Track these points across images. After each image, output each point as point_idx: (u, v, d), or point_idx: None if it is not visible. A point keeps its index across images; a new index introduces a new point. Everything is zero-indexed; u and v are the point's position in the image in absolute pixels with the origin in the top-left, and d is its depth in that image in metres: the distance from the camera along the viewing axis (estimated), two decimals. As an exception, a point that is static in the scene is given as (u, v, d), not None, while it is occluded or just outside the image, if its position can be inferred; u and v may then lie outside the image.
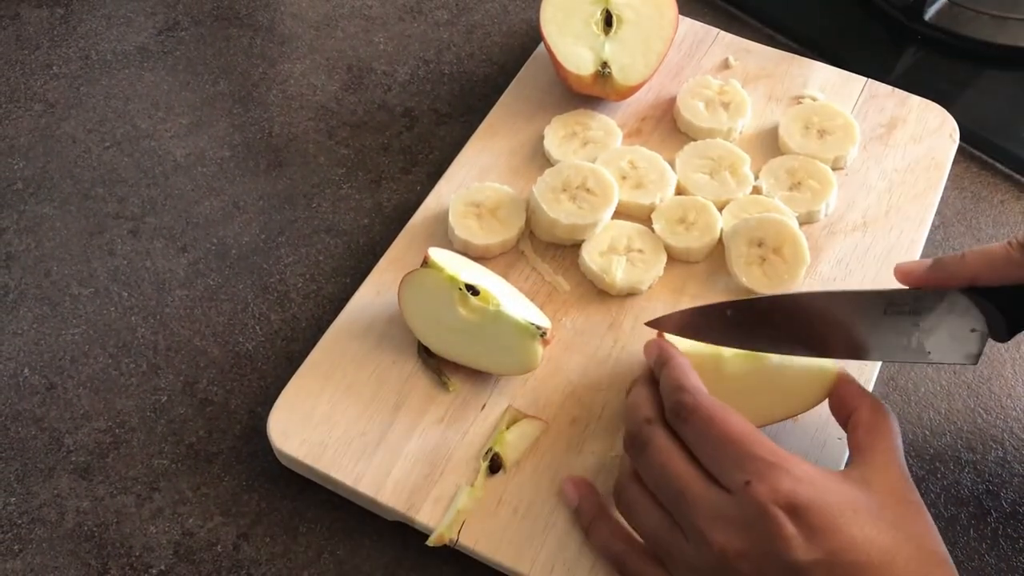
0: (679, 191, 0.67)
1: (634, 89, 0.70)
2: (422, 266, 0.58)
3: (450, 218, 0.64)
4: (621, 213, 0.65)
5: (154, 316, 0.65)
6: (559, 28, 0.71)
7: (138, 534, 0.56)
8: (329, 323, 0.61)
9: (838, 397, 0.52)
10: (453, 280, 0.57)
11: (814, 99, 0.72)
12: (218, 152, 0.73)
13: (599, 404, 0.58)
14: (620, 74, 0.69)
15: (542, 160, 0.69)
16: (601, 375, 0.59)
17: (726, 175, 0.67)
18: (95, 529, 0.56)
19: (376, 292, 0.62)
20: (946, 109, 0.72)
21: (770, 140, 0.70)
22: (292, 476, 0.57)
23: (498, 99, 0.73)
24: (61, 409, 0.60)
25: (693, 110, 0.70)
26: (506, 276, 0.63)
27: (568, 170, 0.64)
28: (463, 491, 0.54)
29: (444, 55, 0.80)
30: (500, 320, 0.56)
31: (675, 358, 0.51)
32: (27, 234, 0.69)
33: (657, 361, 0.52)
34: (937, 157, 0.69)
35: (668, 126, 0.71)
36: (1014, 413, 0.61)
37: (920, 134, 0.71)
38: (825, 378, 0.53)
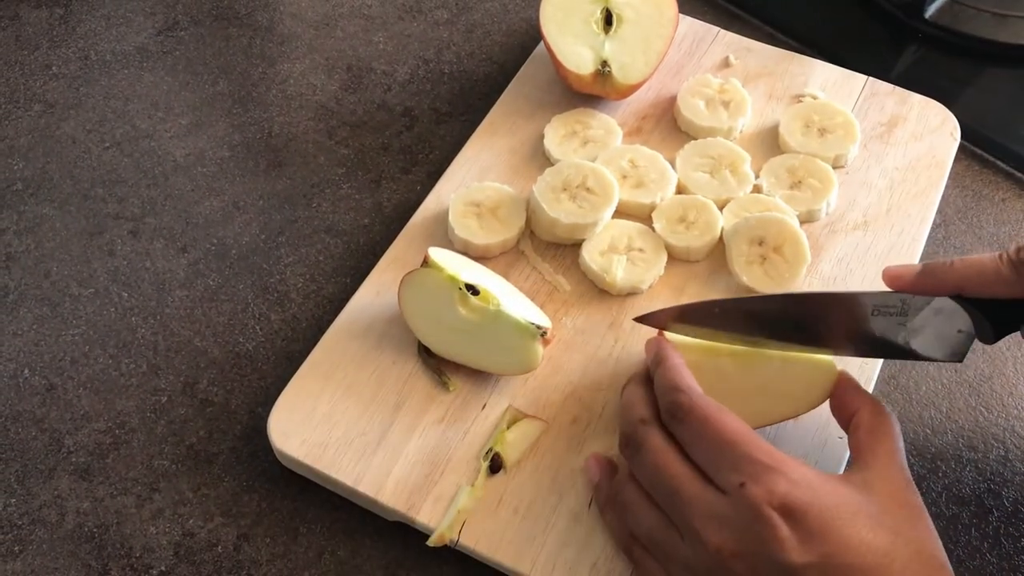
0: (679, 190, 0.67)
1: (634, 88, 0.70)
2: (422, 266, 0.58)
3: (450, 218, 0.64)
4: (621, 212, 0.65)
5: (154, 316, 0.64)
6: (559, 27, 0.71)
7: (138, 535, 0.56)
8: (329, 323, 0.61)
9: (839, 399, 0.52)
10: (453, 280, 0.57)
11: (815, 97, 0.72)
12: (218, 152, 0.73)
13: (599, 404, 0.58)
14: (620, 73, 0.69)
15: (542, 159, 0.69)
16: (602, 375, 0.59)
17: (727, 174, 0.67)
18: (95, 530, 0.56)
19: (376, 292, 0.62)
20: (947, 107, 0.72)
21: (771, 139, 0.70)
22: (292, 476, 0.57)
23: (498, 98, 0.73)
24: (61, 410, 0.60)
25: (693, 109, 0.70)
26: (506, 276, 0.62)
27: (568, 169, 0.64)
28: (463, 491, 0.54)
29: (444, 54, 0.80)
30: (500, 320, 0.56)
31: (670, 358, 0.51)
32: (27, 235, 0.69)
33: (653, 360, 0.52)
34: (938, 155, 0.69)
35: (668, 125, 0.71)
36: (1015, 411, 0.60)
37: (921, 132, 0.71)
38: (826, 379, 0.53)
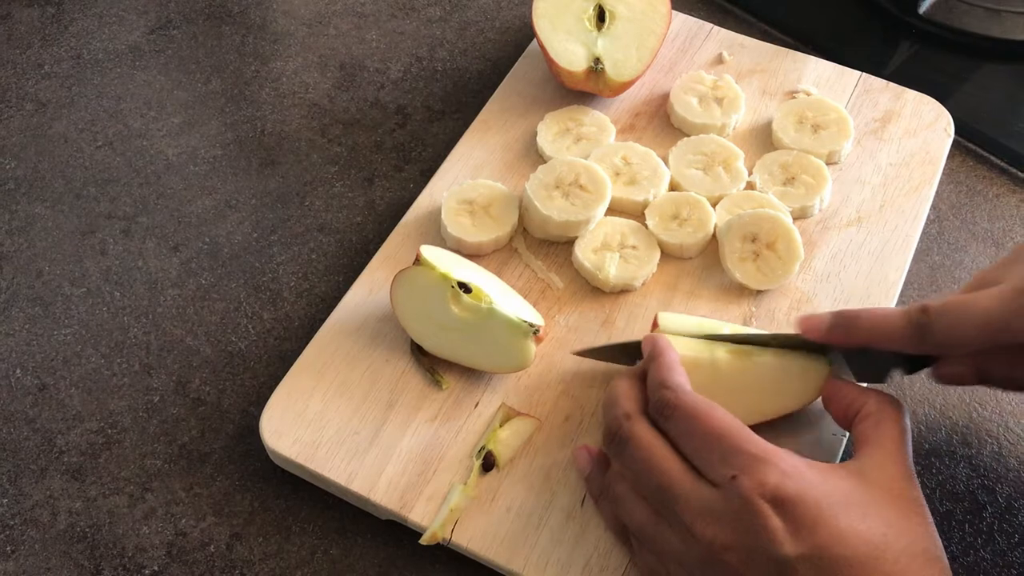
0: (672, 187, 0.66)
1: (627, 85, 0.70)
2: (414, 264, 0.58)
3: (443, 215, 0.64)
4: (614, 209, 0.65)
5: (146, 316, 0.64)
6: (552, 24, 0.70)
7: (131, 535, 0.55)
8: (322, 322, 0.61)
9: (840, 398, 0.52)
10: (446, 278, 0.57)
11: (808, 94, 0.72)
12: (210, 151, 0.73)
13: (592, 401, 0.57)
14: (613, 70, 0.69)
15: (535, 157, 0.69)
16: (595, 372, 0.59)
17: (720, 171, 0.66)
18: (88, 530, 0.56)
19: (369, 290, 0.62)
20: (941, 103, 0.72)
21: (764, 135, 0.70)
22: (285, 475, 0.57)
23: (491, 95, 0.73)
24: (53, 410, 0.60)
25: (687, 106, 0.70)
26: (499, 273, 0.62)
27: (561, 167, 0.64)
28: (456, 489, 0.54)
29: (437, 52, 0.80)
30: (493, 318, 0.56)
31: (663, 354, 0.51)
32: (19, 234, 0.68)
33: (648, 356, 0.52)
34: (932, 151, 0.69)
35: (661, 122, 0.71)
36: (1009, 407, 0.60)
37: (915, 128, 0.70)
38: (818, 376, 0.53)
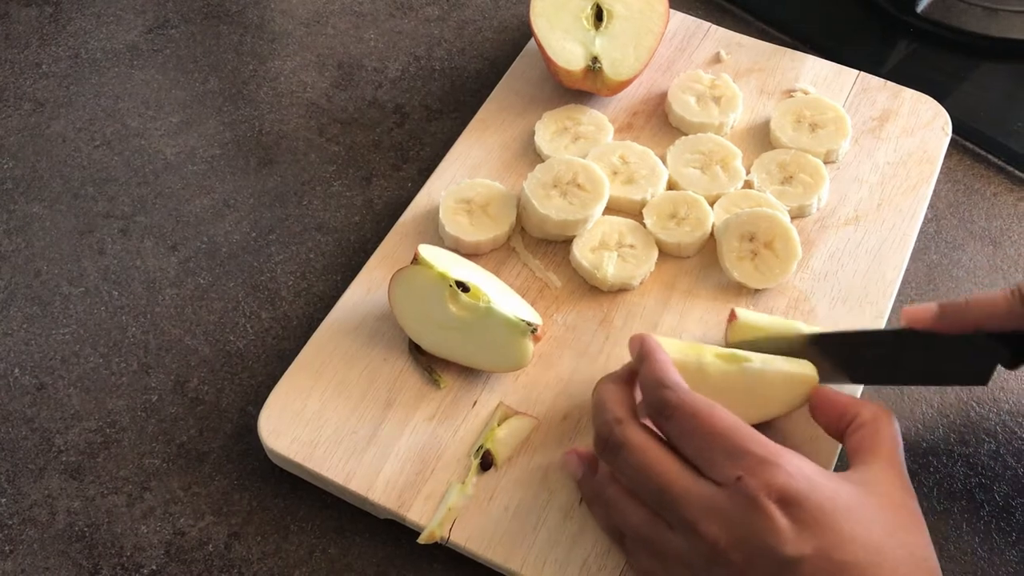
0: (670, 186, 0.66)
1: (625, 84, 0.70)
2: (412, 263, 0.58)
3: (441, 214, 0.64)
4: (612, 208, 0.65)
5: (144, 315, 0.64)
6: (549, 23, 0.70)
7: (129, 534, 0.55)
8: (320, 321, 0.61)
9: (832, 409, 0.52)
10: (443, 277, 0.57)
11: (806, 93, 0.72)
12: (208, 150, 0.73)
13: (590, 400, 0.57)
14: (611, 69, 0.69)
15: (533, 156, 0.69)
16: (593, 371, 0.59)
17: (717, 170, 0.67)
18: (86, 529, 0.56)
19: (367, 290, 0.62)
20: (938, 102, 0.72)
21: (762, 134, 0.70)
22: (283, 475, 0.57)
23: (489, 95, 0.73)
24: (51, 409, 0.60)
25: (684, 105, 0.70)
26: (497, 272, 0.62)
27: (559, 165, 0.64)
28: (454, 489, 0.54)
29: (435, 51, 0.80)
30: (491, 317, 0.56)
31: (655, 353, 0.50)
32: (17, 234, 0.68)
33: (638, 357, 0.51)
34: (929, 150, 0.69)
35: (659, 121, 0.71)
36: (1007, 406, 0.60)
37: (912, 127, 0.71)
38: (806, 383, 0.53)
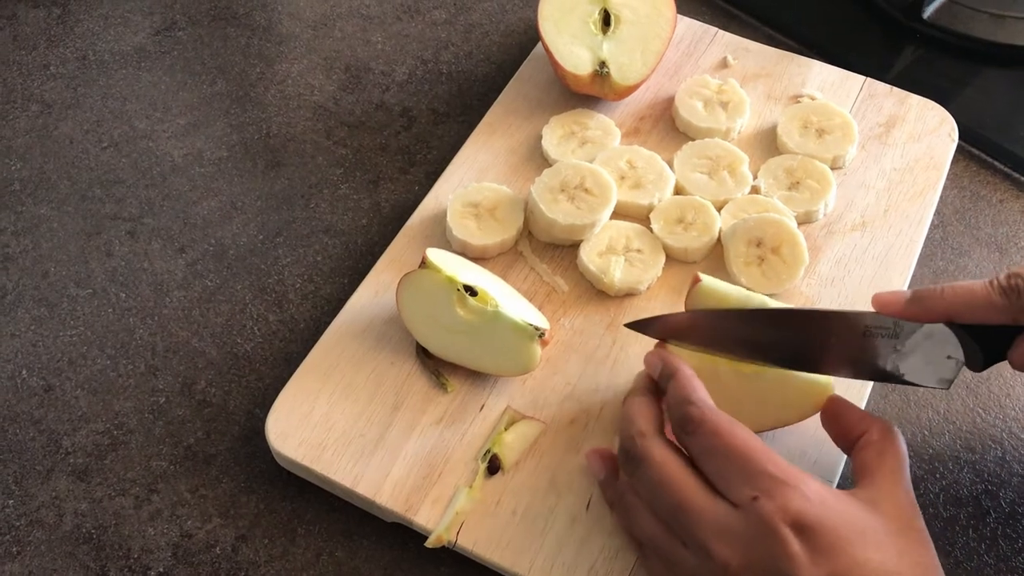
0: (677, 191, 0.67)
1: (632, 88, 0.70)
2: (420, 267, 0.58)
3: (448, 218, 0.64)
4: (619, 213, 0.65)
5: (152, 317, 0.64)
6: (557, 27, 0.71)
7: (136, 536, 0.56)
8: (327, 324, 0.61)
9: (844, 422, 0.52)
10: (451, 281, 0.57)
11: (813, 98, 0.72)
12: (216, 152, 0.73)
13: (597, 404, 0.58)
14: (618, 73, 0.69)
15: (540, 160, 0.69)
16: (600, 375, 0.59)
17: (724, 175, 0.67)
18: (93, 531, 0.56)
19: (374, 293, 0.62)
20: (945, 108, 0.72)
21: (769, 139, 0.70)
22: (291, 477, 0.57)
23: (496, 98, 0.73)
24: (59, 411, 0.60)
25: (691, 109, 0.70)
26: (504, 276, 0.62)
27: (566, 170, 0.64)
28: (461, 492, 0.54)
29: (442, 54, 0.80)
30: (498, 321, 0.56)
31: (681, 369, 0.50)
32: (24, 235, 0.69)
33: (663, 373, 0.51)
34: (936, 156, 0.69)
35: (666, 126, 0.71)
36: (1013, 413, 0.60)
37: (919, 133, 0.71)
38: (819, 392, 0.53)
